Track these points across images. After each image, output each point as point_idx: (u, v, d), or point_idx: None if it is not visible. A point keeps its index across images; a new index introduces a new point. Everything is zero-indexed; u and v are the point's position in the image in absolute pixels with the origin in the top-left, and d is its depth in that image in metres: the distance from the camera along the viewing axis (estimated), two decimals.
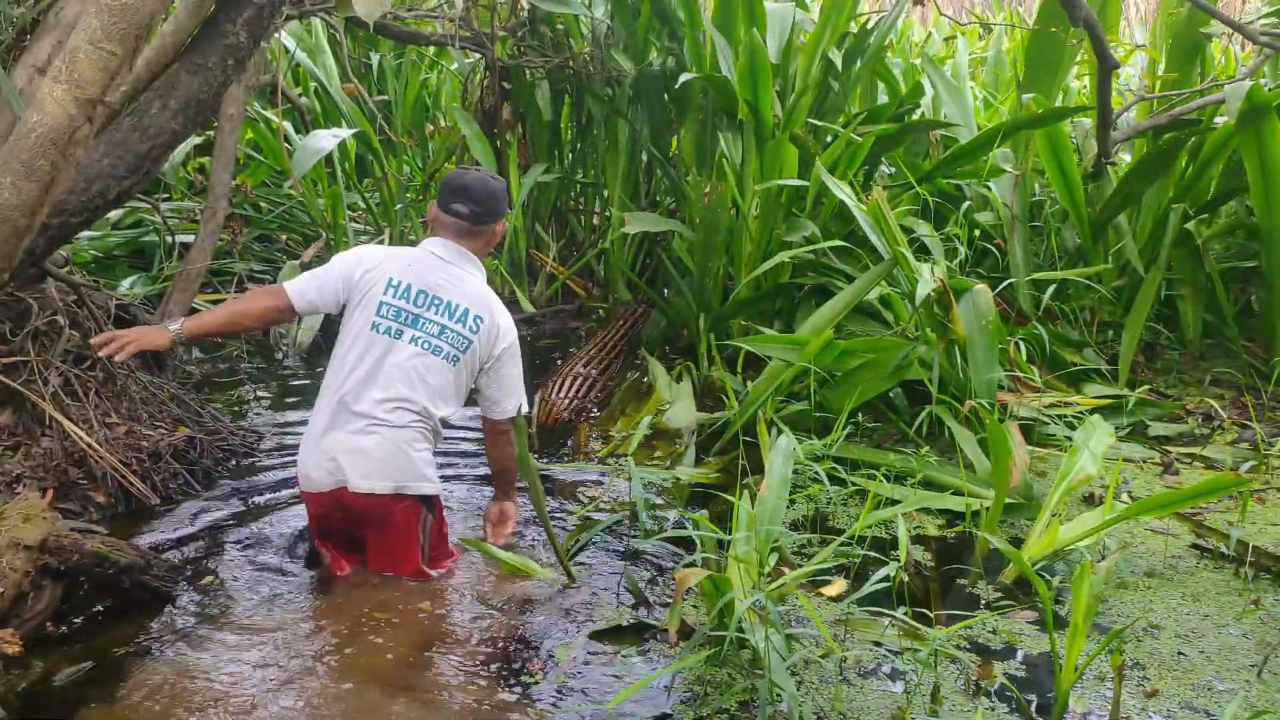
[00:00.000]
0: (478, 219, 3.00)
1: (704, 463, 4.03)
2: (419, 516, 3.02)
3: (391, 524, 2.99)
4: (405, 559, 3.04)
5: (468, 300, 2.99)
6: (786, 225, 4.81)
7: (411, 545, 3.03)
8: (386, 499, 2.95)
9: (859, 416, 3.97)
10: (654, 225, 5.35)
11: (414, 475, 2.97)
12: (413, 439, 2.95)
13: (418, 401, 2.93)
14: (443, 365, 2.95)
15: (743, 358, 4.68)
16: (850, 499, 3.65)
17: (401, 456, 2.94)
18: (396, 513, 2.98)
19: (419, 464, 2.97)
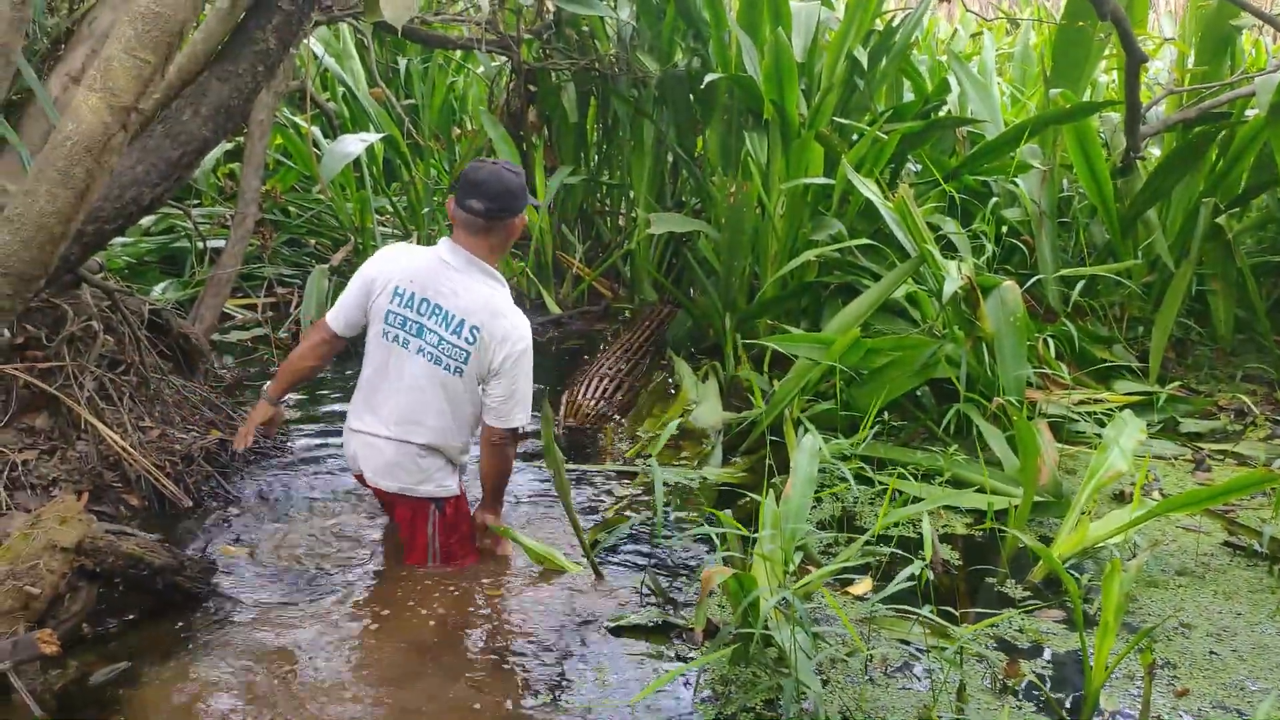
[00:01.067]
0: (490, 215, 2.92)
1: (730, 463, 4.04)
2: (428, 513, 3.09)
3: (401, 515, 3.12)
4: (411, 548, 3.15)
5: (464, 310, 2.93)
6: (812, 224, 4.81)
7: (417, 538, 3.12)
8: (394, 495, 3.09)
9: (886, 415, 3.96)
10: (679, 226, 5.36)
11: (420, 480, 3.05)
12: (421, 453, 3.03)
13: (429, 423, 2.99)
14: (448, 378, 2.96)
15: (769, 357, 4.69)
16: (877, 498, 3.64)
17: (410, 464, 3.03)
18: (404, 507, 3.09)
19: (428, 471, 3.03)
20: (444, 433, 3.01)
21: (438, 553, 3.13)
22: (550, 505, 3.68)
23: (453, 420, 3.00)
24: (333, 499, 3.72)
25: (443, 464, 3.05)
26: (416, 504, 3.08)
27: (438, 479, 3.06)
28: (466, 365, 2.94)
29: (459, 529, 3.15)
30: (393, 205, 7.01)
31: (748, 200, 4.74)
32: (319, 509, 3.62)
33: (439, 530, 3.10)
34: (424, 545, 3.12)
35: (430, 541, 3.11)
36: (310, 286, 5.91)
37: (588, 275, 6.41)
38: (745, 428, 4.25)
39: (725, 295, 5.00)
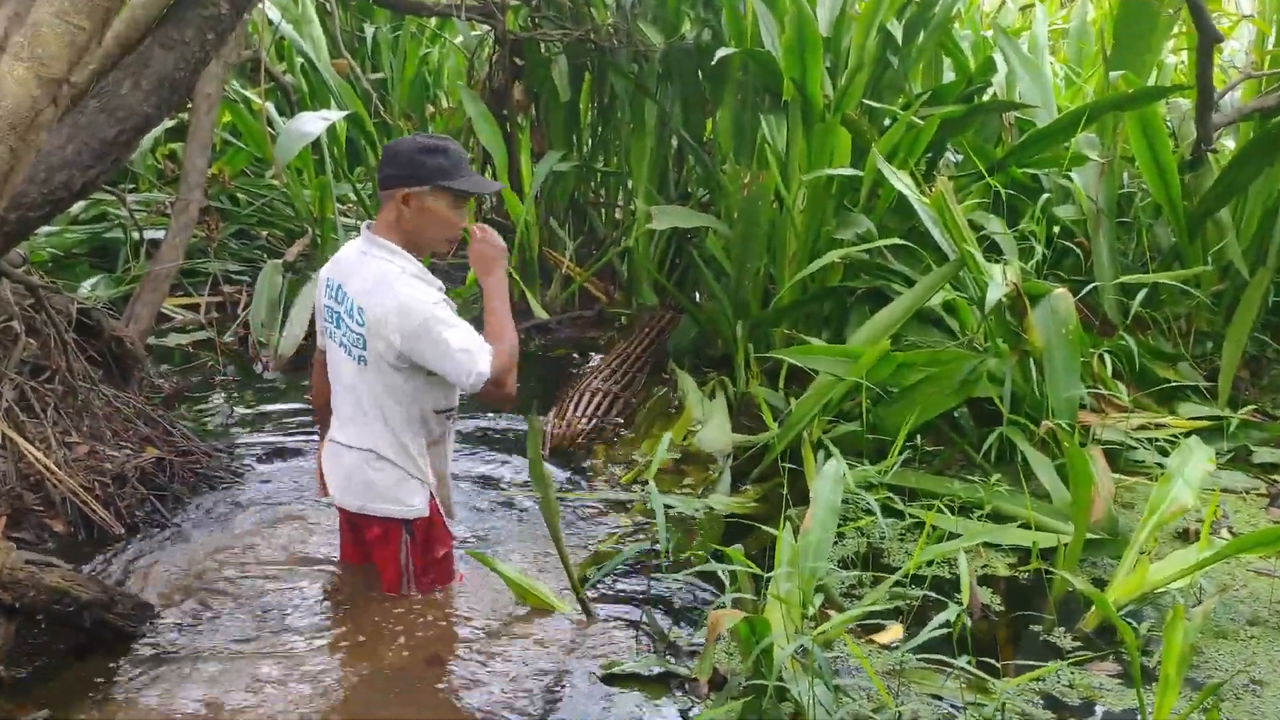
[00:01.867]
0: (380, 185, 2.97)
1: (741, 491, 4.07)
2: (399, 537, 3.12)
3: (373, 537, 3.15)
4: (384, 575, 3.20)
5: (357, 292, 2.96)
6: (837, 220, 4.85)
7: (389, 564, 3.16)
8: (359, 516, 3.13)
9: (918, 439, 3.99)
10: (685, 220, 5.39)
11: (377, 497, 3.08)
12: (369, 460, 3.06)
13: (364, 425, 3.04)
14: (360, 370, 3.01)
15: (785, 371, 4.72)
16: (907, 533, 3.67)
17: (362, 477, 3.07)
18: (373, 529, 3.13)
19: (382, 486, 3.05)
20: (379, 436, 3.02)
21: (411, 580, 3.16)
22: (537, 533, 3.72)
23: (382, 420, 3.01)
24: (286, 523, 3.75)
25: (400, 478, 3.05)
26: (385, 526, 3.11)
27: (400, 497, 3.06)
28: (367, 352, 2.96)
29: (433, 552, 3.19)
30: (356, 193, 7.06)
31: (763, 192, 4.77)
32: (271, 535, 3.65)
33: (411, 553, 3.14)
34: (396, 571, 3.16)
35: (403, 566, 3.15)
36: (261, 285, 5.95)
37: (579, 275, 6.45)
38: (757, 452, 4.28)
39: (736, 300, 5.04)
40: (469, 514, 3.91)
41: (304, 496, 3.99)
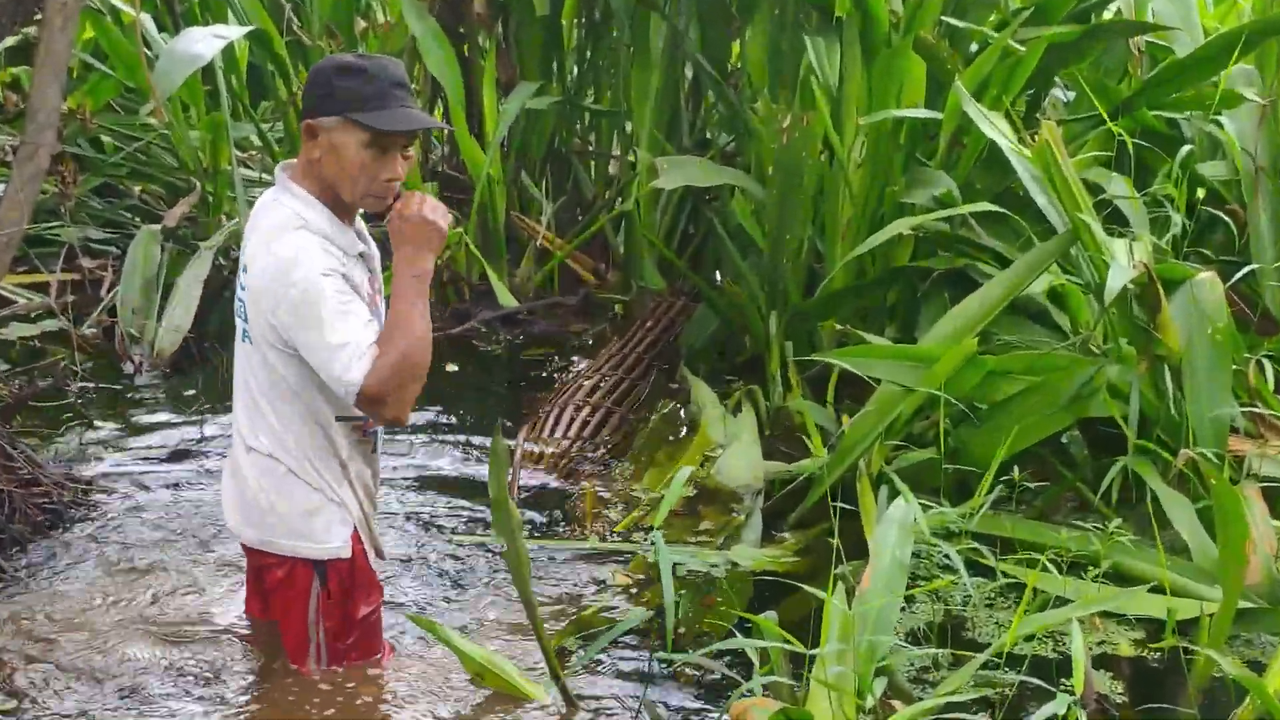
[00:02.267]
0: (301, 111, 3.02)
1: (775, 540, 4.07)
2: (307, 584, 3.10)
3: (272, 583, 3.14)
4: (285, 637, 3.18)
5: (249, 249, 3.03)
6: (907, 179, 4.84)
7: (292, 621, 3.14)
8: (257, 551, 3.16)
9: (1014, 471, 3.97)
10: (703, 176, 5.38)
11: (281, 526, 3.06)
12: (271, 473, 3.05)
13: (260, 417, 3.06)
14: (246, 349, 3.06)
15: (836, 379, 4.71)
16: (999, 597, 3.66)
17: (264, 499, 3.06)
18: (274, 570, 3.12)
19: (289, 512, 3.05)
20: (278, 443, 3.04)
21: (322, 647, 3.15)
22: (503, 593, 3.71)
23: (277, 423, 3.04)
24: (158, 574, 3.76)
25: (312, 504, 3.05)
26: (289, 567, 3.09)
27: (312, 530, 3.05)
28: (249, 325, 3.01)
29: (354, 607, 3.16)
30: (262, 136, 7.05)
31: (808, 139, 4.76)
32: (137, 589, 3.64)
33: (323, 608, 3.12)
34: (301, 633, 3.13)
35: (311, 626, 3.12)
36: (132, 258, 5.94)
37: (559, 249, 6.45)
38: (798, 487, 4.27)
39: (771, 284, 5.03)
40: (411, 565, 3.90)
41: (184, 537, 4.00)
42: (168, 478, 4.48)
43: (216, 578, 3.76)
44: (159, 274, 5.92)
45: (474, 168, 6.25)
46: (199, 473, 4.50)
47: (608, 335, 5.81)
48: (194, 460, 4.61)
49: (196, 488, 4.37)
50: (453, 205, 7.25)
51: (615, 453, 4.74)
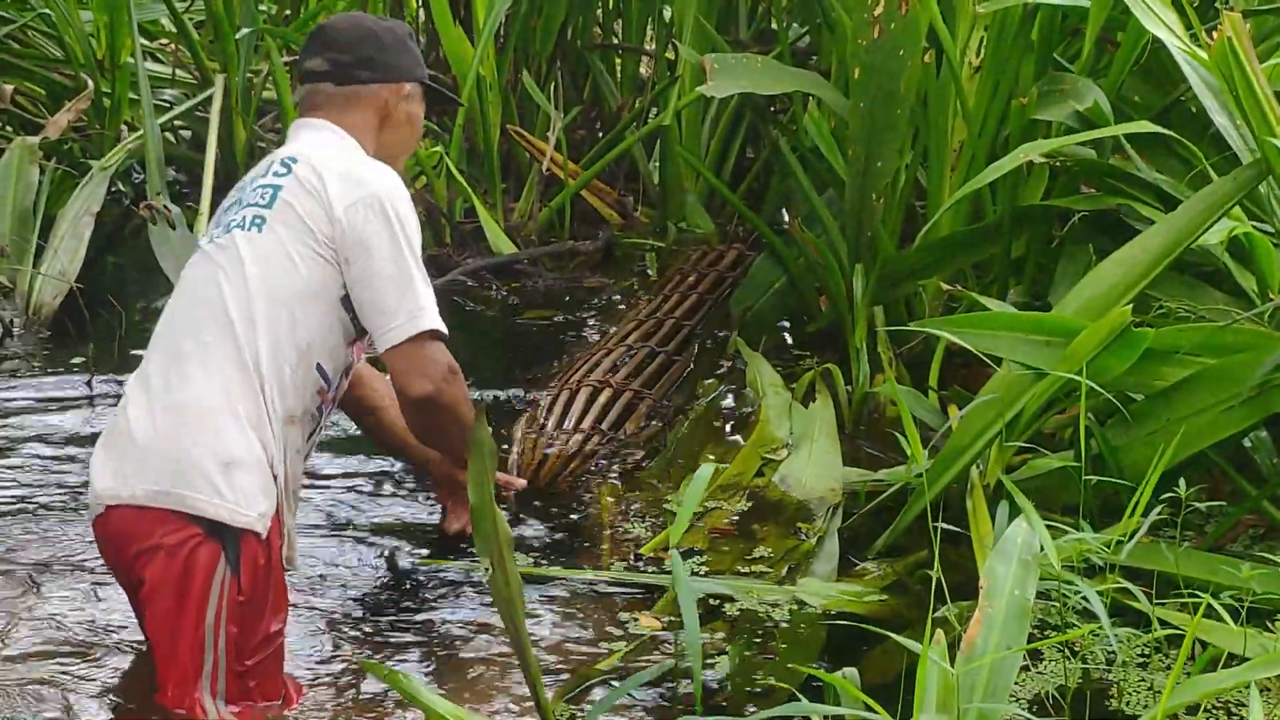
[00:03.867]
0: (341, 72, 3.60)
1: (855, 571, 4.08)
2: (212, 563, 3.16)
3: (155, 574, 3.20)
4: (171, 656, 3.20)
5: (286, 151, 3.56)
6: (1040, 88, 4.82)
7: (183, 627, 3.18)
8: (138, 513, 3.22)
9: (1180, 484, 3.96)
10: (766, 82, 5.36)
11: (183, 477, 3.18)
12: (208, 416, 3.24)
13: (223, 340, 3.33)
14: (249, 238, 3.41)
15: (940, 355, 4.73)
16: (1155, 653, 3.65)
17: (179, 444, 3.22)
18: (158, 556, 3.17)
19: (206, 460, 3.19)
20: (235, 374, 3.32)
21: (220, 667, 3.19)
22: (485, 634, 3.73)
23: (254, 335, 3.36)
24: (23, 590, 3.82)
25: (240, 455, 3.23)
26: (186, 548, 3.16)
27: (231, 487, 3.19)
28: (270, 210, 3.46)
29: (261, 617, 3.24)
30: (176, 20, 7.06)
31: (908, 34, 4.74)
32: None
33: (227, 610, 3.18)
34: (194, 648, 3.18)
35: (209, 637, 3.17)
36: (1, 183, 5.95)
37: (572, 177, 6.44)
38: (889, 501, 4.28)
39: (855, 228, 5.02)
40: (366, 594, 3.93)
41: (62, 540, 4.07)
42: (50, 480, 4.53)
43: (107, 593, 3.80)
44: (38, 203, 5.94)
45: (459, 65, 6.26)
46: (80, 467, 4.51)
47: (636, 296, 5.80)
48: (76, 453, 4.62)
49: (77, 493, 4.38)
50: (430, 115, 7.29)
51: (646, 451, 4.76)
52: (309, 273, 3.35)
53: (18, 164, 5.99)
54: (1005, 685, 2.94)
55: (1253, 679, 3.06)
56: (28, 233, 5.80)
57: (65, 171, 6.21)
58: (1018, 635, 3.02)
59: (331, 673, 3.50)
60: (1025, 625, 3.04)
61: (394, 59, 3.63)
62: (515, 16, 6.50)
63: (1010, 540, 3.19)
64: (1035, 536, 3.19)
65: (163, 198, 6.00)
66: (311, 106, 3.63)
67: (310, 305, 3.35)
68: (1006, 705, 2.90)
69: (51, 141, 6.30)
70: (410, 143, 3.78)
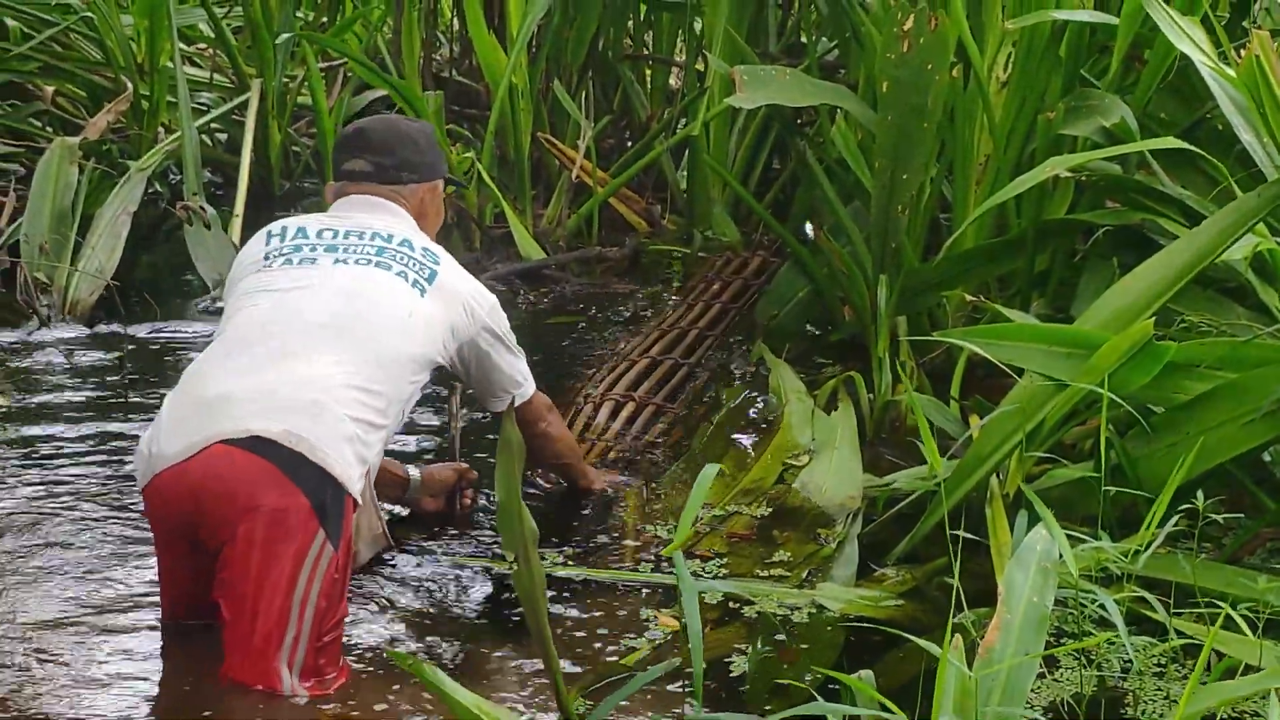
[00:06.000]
0: (385, 174, 3.94)
1: (874, 576, 4.05)
2: (311, 532, 3.23)
3: (249, 527, 3.24)
4: (252, 620, 3.24)
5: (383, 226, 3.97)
6: (1067, 104, 4.80)
7: (268, 589, 3.22)
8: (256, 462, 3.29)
9: (1198, 496, 3.93)
10: (795, 94, 5.35)
11: (310, 429, 3.32)
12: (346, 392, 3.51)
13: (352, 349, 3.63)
14: (415, 294, 3.80)
15: (963, 366, 4.70)
16: (1172, 663, 3.62)
17: (299, 400, 3.40)
18: (258, 512, 3.23)
19: (323, 429, 3.36)
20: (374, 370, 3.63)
21: (301, 640, 3.23)
22: (508, 630, 3.74)
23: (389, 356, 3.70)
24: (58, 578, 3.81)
25: (351, 432, 3.43)
26: (285, 502, 3.24)
27: (344, 456, 3.36)
28: (430, 284, 3.85)
29: (336, 599, 3.32)
30: (214, 25, 7.07)
31: (937, 48, 4.72)
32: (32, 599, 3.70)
33: (321, 578, 3.24)
34: (279, 614, 3.21)
35: (295, 604, 3.21)
36: (41, 181, 5.98)
37: (601, 184, 6.44)
38: (909, 508, 4.25)
39: (880, 239, 5.00)
40: (392, 589, 3.92)
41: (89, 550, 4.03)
42: (85, 467, 4.52)
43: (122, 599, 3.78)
44: (76, 202, 5.95)
45: (492, 73, 6.26)
46: (116, 463, 4.52)
47: (663, 303, 5.78)
48: (111, 447, 4.61)
49: (115, 483, 4.38)
50: (463, 122, 7.29)
51: (665, 454, 4.74)
52: (434, 342, 3.74)
53: (57, 164, 6.00)
54: (1022, 690, 2.91)
55: (1271, 686, 3.03)
56: (66, 230, 5.81)
57: (104, 172, 6.21)
58: (1035, 642, 2.99)
59: (355, 661, 3.49)
60: (1043, 632, 3.01)
61: (429, 159, 4.04)
62: (548, 26, 6.49)
63: (1029, 548, 3.16)
64: (1054, 545, 3.17)
65: (199, 199, 6.05)
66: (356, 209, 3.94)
67: (424, 371, 3.75)
68: (1023, 710, 2.87)
69: (91, 142, 6.31)
70: (436, 229, 4.11)
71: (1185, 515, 3.74)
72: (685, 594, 3.13)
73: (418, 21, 6.92)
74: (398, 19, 6.77)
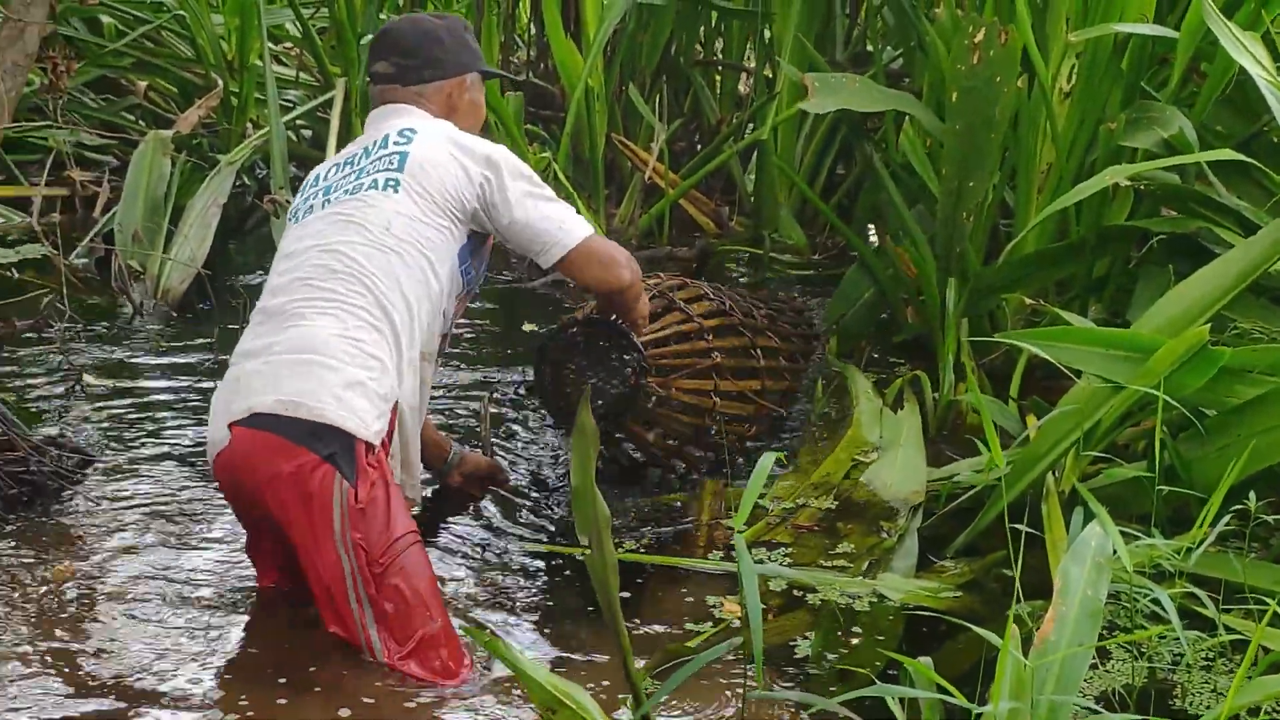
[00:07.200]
0: (407, 74, 3.87)
1: (934, 568, 4.07)
2: (331, 483, 3.32)
3: (282, 494, 3.36)
4: (317, 572, 3.36)
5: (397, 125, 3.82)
6: (1128, 115, 4.79)
7: (320, 542, 3.33)
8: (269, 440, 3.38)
9: (1250, 497, 3.94)
10: (862, 100, 5.34)
11: (309, 391, 3.37)
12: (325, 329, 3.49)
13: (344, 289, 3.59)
14: (385, 196, 3.69)
15: (1023, 368, 4.71)
16: (1220, 658, 3.63)
17: (295, 365, 3.44)
18: (282, 479, 3.35)
19: (326, 378, 3.40)
20: (387, 289, 3.61)
21: (358, 574, 3.32)
22: (579, 612, 3.78)
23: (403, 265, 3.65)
24: (153, 553, 3.90)
25: (360, 377, 3.45)
26: (307, 467, 3.33)
27: (350, 403, 3.39)
28: (402, 174, 3.71)
29: (387, 523, 3.37)
30: (301, 25, 7.12)
31: (1004, 60, 4.73)
32: (124, 576, 3.76)
33: (349, 519, 3.32)
34: (333, 563, 3.33)
35: (340, 548, 3.32)
36: (135, 173, 6.03)
37: (672, 186, 6.46)
38: (969, 502, 4.28)
39: (945, 243, 5.01)
40: (462, 569, 3.99)
41: (183, 521, 4.13)
42: (170, 447, 4.60)
43: (214, 572, 3.86)
44: (168, 193, 6.00)
45: (568, 76, 6.29)
46: (204, 441, 4.56)
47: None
48: (203, 425, 4.67)
49: (204, 461, 4.44)
50: (539, 123, 7.33)
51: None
52: (440, 230, 3.63)
53: (151, 156, 6.07)
54: (1075, 680, 2.93)
55: None
56: (159, 220, 5.87)
57: (194, 164, 6.27)
58: (1089, 633, 3.01)
59: None
60: (1096, 625, 3.02)
61: (454, 56, 3.93)
62: (623, 32, 6.51)
63: (1085, 543, 3.17)
64: (1108, 541, 3.18)
65: (285, 192, 6.09)
66: (385, 102, 3.89)
67: (441, 259, 3.63)
68: (1076, 698, 2.90)
69: (182, 136, 6.36)
70: (475, 127, 3.96)
71: (1236, 515, 3.76)
72: (745, 577, 3.16)
73: (496, 25, 6.97)
74: (477, 22, 6.79)
